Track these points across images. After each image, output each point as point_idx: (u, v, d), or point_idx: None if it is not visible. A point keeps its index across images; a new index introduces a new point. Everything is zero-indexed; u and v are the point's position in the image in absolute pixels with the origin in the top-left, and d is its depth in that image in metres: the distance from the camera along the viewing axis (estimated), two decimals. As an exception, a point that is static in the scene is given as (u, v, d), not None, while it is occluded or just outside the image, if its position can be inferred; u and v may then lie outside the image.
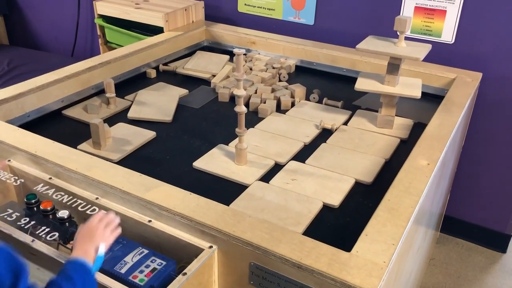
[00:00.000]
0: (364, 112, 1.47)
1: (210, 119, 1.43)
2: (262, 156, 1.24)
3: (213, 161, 1.21)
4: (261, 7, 1.93)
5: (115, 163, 1.16)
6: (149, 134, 1.32)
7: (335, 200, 1.07)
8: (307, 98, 1.56)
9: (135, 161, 1.21)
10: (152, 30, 1.88)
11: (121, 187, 0.91)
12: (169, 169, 1.18)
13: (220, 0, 2.03)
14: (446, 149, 1.13)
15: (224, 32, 1.88)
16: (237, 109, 1.14)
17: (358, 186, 1.13)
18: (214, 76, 1.66)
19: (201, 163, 1.20)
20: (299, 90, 1.56)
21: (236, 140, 1.19)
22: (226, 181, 1.14)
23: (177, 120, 1.41)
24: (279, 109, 1.49)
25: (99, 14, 1.93)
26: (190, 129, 1.37)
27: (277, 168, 1.19)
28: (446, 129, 1.20)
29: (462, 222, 1.92)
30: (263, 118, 1.43)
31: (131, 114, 1.40)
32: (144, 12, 1.82)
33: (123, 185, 0.91)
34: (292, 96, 1.56)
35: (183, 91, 1.59)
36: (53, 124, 1.36)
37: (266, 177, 1.15)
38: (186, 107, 1.48)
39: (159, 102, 1.47)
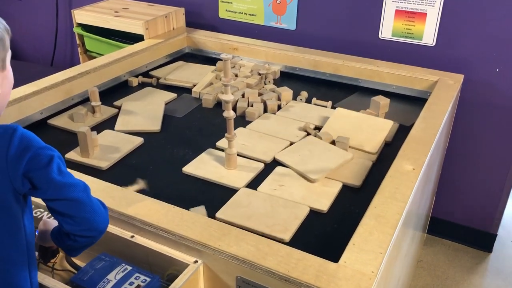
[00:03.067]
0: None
1: (195, 126, 1.41)
2: (249, 154, 1.25)
3: (202, 166, 1.20)
4: (242, 13, 1.92)
5: (104, 170, 1.16)
6: (137, 141, 1.31)
7: (323, 205, 1.06)
8: (294, 100, 1.56)
9: (124, 168, 1.19)
10: (132, 38, 1.85)
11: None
12: (158, 175, 1.17)
13: (201, 7, 2.01)
14: (431, 153, 1.13)
15: (206, 39, 1.87)
16: (225, 114, 1.13)
17: (346, 190, 1.12)
18: (195, 85, 1.64)
19: (190, 168, 1.19)
20: (285, 93, 1.56)
21: (225, 144, 1.18)
22: (216, 186, 1.13)
23: (163, 128, 1.39)
24: (266, 112, 1.49)
25: (77, 23, 1.90)
26: (176, 137, 1.35)
27: (267, 169, 1.19)
28: (430, 133, 1.20)
29: (448, 223, 1.93)
30: (250, 122, 1.42)
31: (118, 127, 1.37)
32: (123, 20, 1.80)
33: (104, 200, 0.88)
34: (279, 99, 1.55)
35: (170, 96, 1.58)
36: (37, 134, 1.32)
37: (256, 180, 1.15)
38: (170, 116, 1.46)
39: (145, 112, 1.45)
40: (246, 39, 1.84)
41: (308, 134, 1.35)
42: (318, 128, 1.40)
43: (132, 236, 0.85)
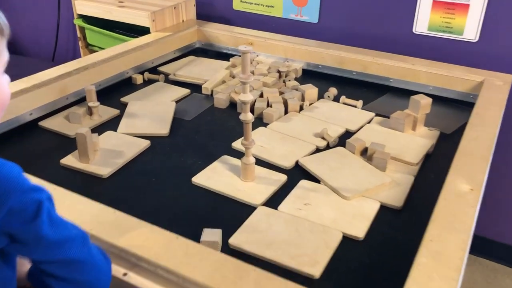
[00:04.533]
0: (377, 119, 1.29)
1: (206, 130, 1.23)
2: (267, 158, 1.09)
3: (215, 176, 1.03)
4: (259, 4, 1.74)
5: (105, 178, 1.02)
6: (143, 144, 1.14)
7: (359, 230, 0.88)
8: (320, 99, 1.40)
9: (127, 175, 1.04)
10: (138, 31, 1.68)
11: (89, 229, 0.70)
12: (164, 185, 1.01)
13: (214, -3, 1.83)
14: (489, 168, 0.94)
15: (218, 32, 1.69)
16: (242, 117, 0.95)
17: (384, 211, 0.94)
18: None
19: (201, 179, 1.02)
20: (310, 91, 1.38)
21: (241, 145, 1.00)
22: (229, 201, 0.97)
23: (171, 132, 1.22)
24: (287, 113, 1.31)
25: (78, 14, 1.73)
26: (186, 141, 1.18)
27: (290, 181, 1.02)
28: (485, 144, 1.01)
29: (484, 240, 1.73)
30: (268, 125, 1.25)
31: (122, 130, 1.21)
32: (128, 11, 1.63)
33: (92, 227, 0.71)
34: (302, 99, 1.37)
35: (182, 92, 1.42)
36: (26, 138, 1.17)
37: (277, 195, 0.98)
38: (178, 117, 1.29)
39: (153, 113, 1.28)
40: (263, 33, 1.66)
41: (327, 142, 1.16)
42: (349, 132, 1.22)
43: (125, 274, 0.67)
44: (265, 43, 1.62)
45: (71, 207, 0.78)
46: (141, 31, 1.65)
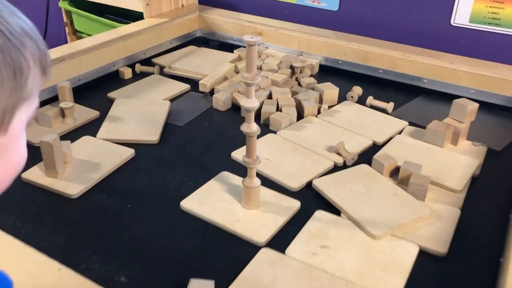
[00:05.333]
0: (409, 129, 1.06)
1: (202, 139, 1.02)
2: (271, 175, 0.89)
3: (209, 201, 0.82)
4: (270, -12, 1.51)
5: (74, 199, 0.82)
6: (126, 153, 0.94)
7: (393, 288, 0.66)
8: (341, 101, 1.18)
9: (101, 196, 0.84)
10: (132, 17, 1.47)
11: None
12: (145, 212, 0.81)
13: (218, -21, 1.60)
14: None
15: (222, 20, 1.46)
16: (244, 128, 0.74)
17: (424, 258, 0.72)
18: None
19: (191, 203, 0.82)
20: (330, 91, 1.16)
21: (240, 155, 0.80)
22: (226, 235, 0.76)
23: (161, 139, 1.01)
24: (301, 118, 1.10)
25: (63, -4, 1.53)
26: (176, 152, 0.97)
27: (303, 210, 0.81)
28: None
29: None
30: (275, 132, 1.03)
31: (102, 135, 1.00)
32: (118, -8, 1.41)
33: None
34: (320, 100, 1.15)
35: (181, 88, 1.21)
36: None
37: (287, 228, 0.77)
38: (168, 124, 1.07)
39: (142, 115, 1.07)
40: (274, 21, 1.43)
41: (344, 158, 0.95)
42: (376, 145, 1.00)
43: None
44: (276, 33, 1.40)
45: (5, 260, 0.57)
46: (135, 16, 1.43)
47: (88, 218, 0.79)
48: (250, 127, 0.75)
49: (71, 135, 1.01)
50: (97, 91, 1.19)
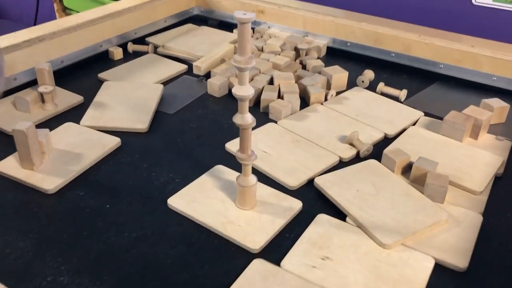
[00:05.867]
0: (424, 120, 0.96)
1: (194, 129, 0.92)
2: (267, 170, 0.80)
3: (200, 198, 0.73)
4: (274, -38, 1.39)
5: (50, 195, 0.73)
6: (111, 142, 0.86)
7: (403, 311, 0.57)
8: (351, 87, 1.08)
9: (79, 192, 0.75)
10: (125, -7, 1.36)
11: None
12: (126, 210, 0.72)
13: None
14: None
15: (221, -4, 1.35)
16: (237, 120, 0.64)
17: (440, 272, 0.63)
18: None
19: (180, 201, 0.73)
20: (338, 75, 1.06)
21: (234, 147, 0.70)
22: (217, 239, 0.67)
23: (151, 127, 0.92)
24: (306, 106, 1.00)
25: (50, -31, 1.42)
26: (166, 142, 0.88)
27: (302, 215, 0.71)
28: None
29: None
30: (275, 122, 0.94)
31: (86, 122, 0.91)
32: (108, -35, 1.30)
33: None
34: (328, 86, 1.05)
35: (179, 68, 1.12)
36: None
37: (285, 234, 0.68)
38: (158, 111, 0.98)
39: (132, 99, 0.98)
40: (278, -1, 1.33)
41: (357, 150, 0.85)
42: (387, 138, 0.90)
43: None
44: (280, 11, 1.28)
45: None
46: (128, -8, 1.33)
47: (62, 220, 0.70)
48: (244, 118, 0.65)
49: (52, 122, 0.92)
50: (83, 73, 1.10)
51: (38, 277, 0.60)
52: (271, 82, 1.05)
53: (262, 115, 0.96)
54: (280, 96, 1.00)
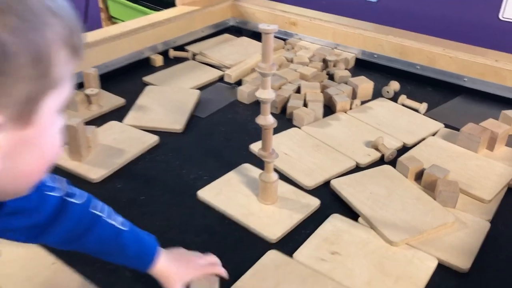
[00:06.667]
0: (444, 132, 1.00)
1: (224, 132, 1.00)
2: (286, 171, 0.86)
3: (226, 192, 0.81)
4: (307, -24, 1.46)
5: (94, 184, 0.82)
6: (150, 140, 0.94)
7: (404, 303, 0.62)
8: (376, 97, 1.13)
9: (122, 181, 0.85)
10: (167, 4, 1.46)
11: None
12: (161, 199, 0.81)
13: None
14: None
15: (256, 9, 1.43)
16: (260, 120, 0.72)
17: (442, 273, 0.67)
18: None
19: (208, 193, 0.81)
20: (364, 85, 1.11)
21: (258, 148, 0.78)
22: (239, 229, 0.75)
23: (186, 129, 1.01)
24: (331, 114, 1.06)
25: (100, -19, 1.54)
26: (198, 144, 0.96)
27: (319, 212, 0.78)
28: None
29: None
30: (299, 127, 1.00)
31: (128, 121, 1.01)
32: (152, -21, 1.40)
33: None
34: (354, 96, 1.11)
35: (216, 74, 1.21)
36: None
37: (301, 228, 0.74)
38: (198, 109, 1.07)
39: (170, 103, 1.07)
40: (309, 11, 1.39)
41: (381, 154, 0.90)
42: (406, 148, 0.95)
43: None
44: (311, 24, 1.35)
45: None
46: (170, 3, 1.43)
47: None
48: (266, 119, 0.72)
49: (98, 121, 1.01)
50: (126, 78, 1.19)
51: (74, 258, 0.68)
52: (298, 91, 1.11)
53: (287, 121, 1.03)
54: (305, 104, 1.06)
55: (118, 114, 1.04)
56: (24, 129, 0.35)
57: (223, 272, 0.63)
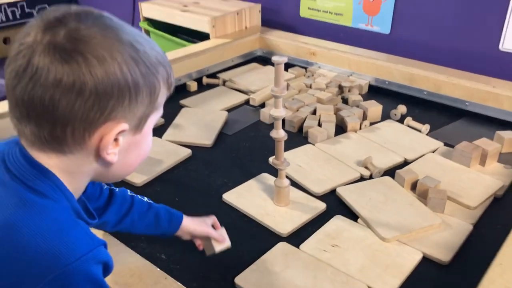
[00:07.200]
0: (442, 149, 1.12)
1: (247, 147, 1.15)
2: (298, 179, 1.01)
3: (247, 195, 0.96)
4: (327, 12, 1.62)
5: (139, 187, 0.99)
6: (184, 153, 1.11)
7: (389, 287, 0.75)
8: (385, 119, 1.27)
9: (161, 185, 1.02)
10: (202, 37, 1.65)
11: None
12: (194, 198, 0.98)
13: (281, 3, 1.74)
14: None
15: (280, 41, 1.60)
16: (274, 134, 0.87)
17: (426, 264, 0.80)
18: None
19: (232, 196, 0.96)
20: (373, 108, 1.25)
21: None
22: (256, 225, 0.90)
23: (215, 143, 1.17)
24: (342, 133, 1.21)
25: (144, 17, 1.74)
26: (227, 155, 1.12)
27: (328, 212, 0.92)
28: None
29: None
30: (313, 144, 1.15)
31: (166, 137, 1.18)
32: (190, 15, 1.60)
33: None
34: (364, 117, 1.25)
35: (242, 98, 1.38)
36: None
37: (309, 226, 0.89)
38: (225, 127, 1.24)
39: (202, 122, 1.24)
40: (327, 43, 1.55)
41: (370, 172, 1.03)
42: (407, 163, 1.07)
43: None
44: (329, 53, 1.50)
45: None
46: (205, 36, 1.61)
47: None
48: (278, 133, 0.87)
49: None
50: (167, 101, 1.36)
51: (125, 242, 0.84)
52: (314, 112, 1.26)
53: (303, 139, 1.17)
54: (319, 124, 1.20)
55: (158, 131, 1.21)
56: (135, 135, 0.54)
57: (221, 239, 0.80)
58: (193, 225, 0.79)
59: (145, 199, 0.77)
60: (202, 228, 0.79)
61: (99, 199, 0.70)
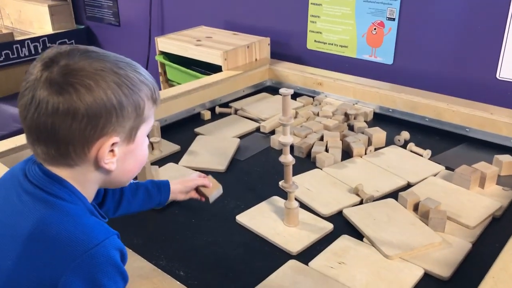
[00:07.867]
0: (443, 173, 1.18)
1: (258, 172, 1.22)
2: (306, 201, 1.07)
3: (259, 217, 1.02)
4: (332, 44, 1.71)
5: (157, 210, 1.05)
6: None
7: (391, 301, 0.80)
8: (389, 145, 1.33)
9: (177, 208, 1.08)
10: (215, 69, 1.74)
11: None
12: (209, 220, 1.04)
13: (289, 36, 1.85)
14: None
15: (289, 72, 1.69)
16: (282, 159, 0.94)
17: (427, 280, 0.85)
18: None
19: (244, 218, 1.02)
20: (378, 135, 1.32)
21: None
22: (267, 244, 0.95)
23: (228, 169, 1.25)
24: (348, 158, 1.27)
25: (160, 51, 1.85)
26: (240, 180, 1.20)
27: (335, 232, 0.98)
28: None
29: None
30: (320, 169, 1.21)
31: (182, 163, 1.26)
32: (202, 49, 1.70)
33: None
34: (369, 143, 1.31)
35: (252, 126, 1.45)
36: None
37: (318, 244, 0.95)
38: (237, 153, 1.31)
39: (215, 149, 1.31)
40: (333, 73, 1.63)
41: (360, 198, 1.09)
42: (410, 186, 1.13)
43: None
44: (334, 83, 1.59)
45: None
46: (217, 68, 1.71)
47: (162, 227, 1.02)
48: (286, 158, 0.94)
49: (159, 163, 1.26)
50: (181, 129, 1.46)
51: (145, 260, 0.91)
52: (321, 139, 1.33)
53: (311, 164, 1.24)
54: (326, 150, 1.27)
55: (174, 157, 1.29)
56: (129, 145, 0.63)
57: (207, 183, 0.97)
58: (180, 185, 0.94)
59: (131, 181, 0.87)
60: (189, 184, 0.95)
61: (97, 197, 0.80)
